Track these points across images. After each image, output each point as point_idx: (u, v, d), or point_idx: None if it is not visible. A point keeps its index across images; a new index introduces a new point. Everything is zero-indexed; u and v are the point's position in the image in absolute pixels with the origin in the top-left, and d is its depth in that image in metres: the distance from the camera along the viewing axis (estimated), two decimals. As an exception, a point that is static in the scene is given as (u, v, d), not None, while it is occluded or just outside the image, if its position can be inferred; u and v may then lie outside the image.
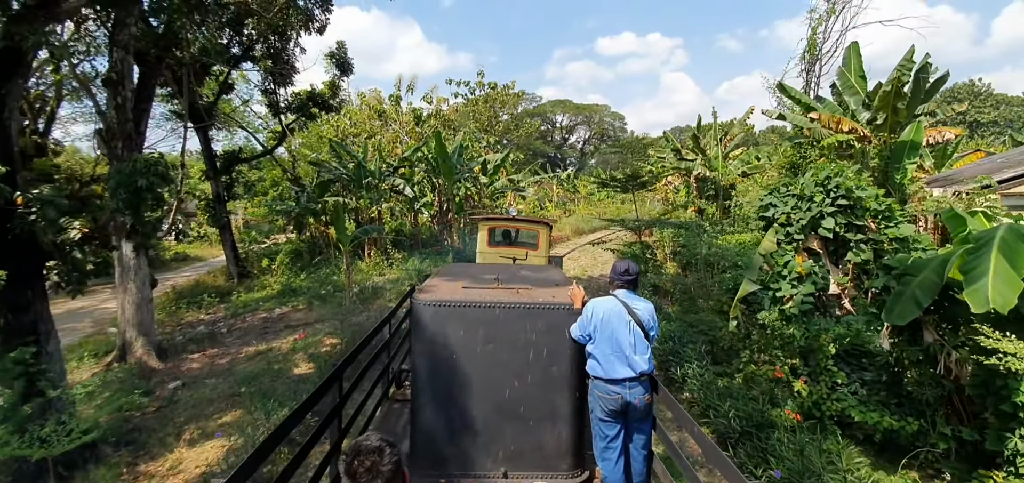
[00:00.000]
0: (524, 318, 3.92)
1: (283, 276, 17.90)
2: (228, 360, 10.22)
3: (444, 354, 3.90)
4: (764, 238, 6.73)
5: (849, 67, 13.94)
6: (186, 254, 30.80)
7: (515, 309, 3.93)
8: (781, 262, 6.52)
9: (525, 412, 3.88)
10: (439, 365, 3.91)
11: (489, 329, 3.90)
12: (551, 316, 3.95)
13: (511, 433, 3.88)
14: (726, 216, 21.06)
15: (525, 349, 3.90)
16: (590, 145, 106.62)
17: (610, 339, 3.76)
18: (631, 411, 3.77)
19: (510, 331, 3.91)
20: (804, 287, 6.50)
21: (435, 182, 22.23)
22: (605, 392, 3.76)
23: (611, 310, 3.82)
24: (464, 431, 3.88)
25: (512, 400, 3.88)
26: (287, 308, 14.48)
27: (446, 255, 18.94)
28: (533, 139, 71.89)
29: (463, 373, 3.89)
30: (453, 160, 20.67)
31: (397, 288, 15.48)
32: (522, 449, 3.87)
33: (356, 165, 19.84)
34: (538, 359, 3.90)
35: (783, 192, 7.30)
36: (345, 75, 19.78)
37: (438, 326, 3.90)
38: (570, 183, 49.88)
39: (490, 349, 3.89)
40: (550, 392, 3.91)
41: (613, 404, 3.75)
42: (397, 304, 6.58)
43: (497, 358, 3.89)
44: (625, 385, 3.71)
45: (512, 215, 11.80)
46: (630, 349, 3.75)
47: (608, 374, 3.74)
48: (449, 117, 35.07)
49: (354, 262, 19.72)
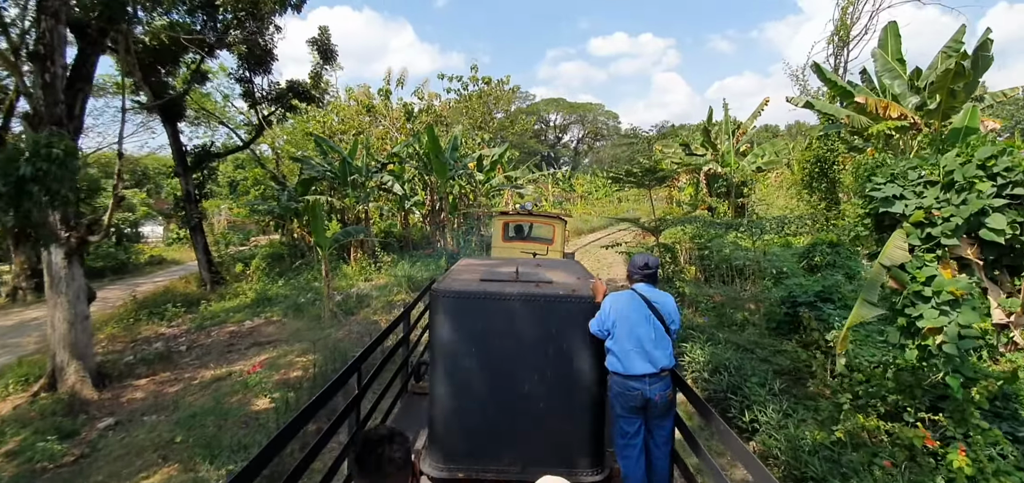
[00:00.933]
0: (545, 311, 3.80)
1: (259, 283, 16.22)
2: (179, 388, 8.59)
3: (463, 346, 3.80)
4: (890, 243, 5.06)
5: (886, 48, 12.52)
6: (162, 257, 28.97)
7: (536, 301, 3.80)
8: (921, 278, 4.71)
9: (544, 407, 3.78)
10: (458, 357, 3.82)
11: (509, 321, 3.79)
12: (572, 309, 3.82)
13: (530, 428, 3.79)
14: (739, 215, 19.64)
15: (545, 342, 3.78)
16: (584, 144, 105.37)
17: (629, 334, 3.67)
18: (651, 407, 3.70)
19: (531, 324, 3.79)
20: (963, 314, 4.32)
21: (427, 180, 20.64)
22: (624, 388, 3.68)
23: (631, 304, 3.74)
24: (482, 424, 3.81)
25: (532, 394, 3.78)
26: (259, 320, 12.83)
27: (439, 258, 17.35)
28: (527, 138, 70.46)
29: (482, 366, 3.80)
30: (446, 156, 19.11)
31: (385, 296, 13.88)
32: (540, 445, 3.80)
33: (341, 161, 18.19)
34: (558, 353, 3.79)
35: (913, 178, 5.64)
36: (328, 63, 18.16)
37: (458, 317, 3.82)
38: (566, 182, 48.45)
39: (510, 342, 3.79)
40: (570, 387, 3.82)
41: (633, 400, 3.67)
42: (415, 299, 6.54)
43: (517, 351, 3.79)
44: (645, 381, 3.63)
45: (528, 209, 11.78)
46: (650, 344, 3.67)
47: (627, 370, 3.65)
48: (441, 113, 33.49)
49: (338, 266, 18.09)
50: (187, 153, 17.14)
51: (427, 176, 20.27)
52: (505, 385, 3.79)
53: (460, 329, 3.81)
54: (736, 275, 10.63)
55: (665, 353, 3.69)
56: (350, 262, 18.19)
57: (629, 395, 3.66)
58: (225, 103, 27.69)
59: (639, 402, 3.65)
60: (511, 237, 11.10)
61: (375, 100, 30.11)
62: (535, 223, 11.32)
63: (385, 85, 30.19)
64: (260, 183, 23.49)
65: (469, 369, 3.80)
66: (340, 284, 15.74)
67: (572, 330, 3.80)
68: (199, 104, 22.78)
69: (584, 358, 3.82)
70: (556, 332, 3.79)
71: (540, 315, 3.78)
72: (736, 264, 10.53)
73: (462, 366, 3.81)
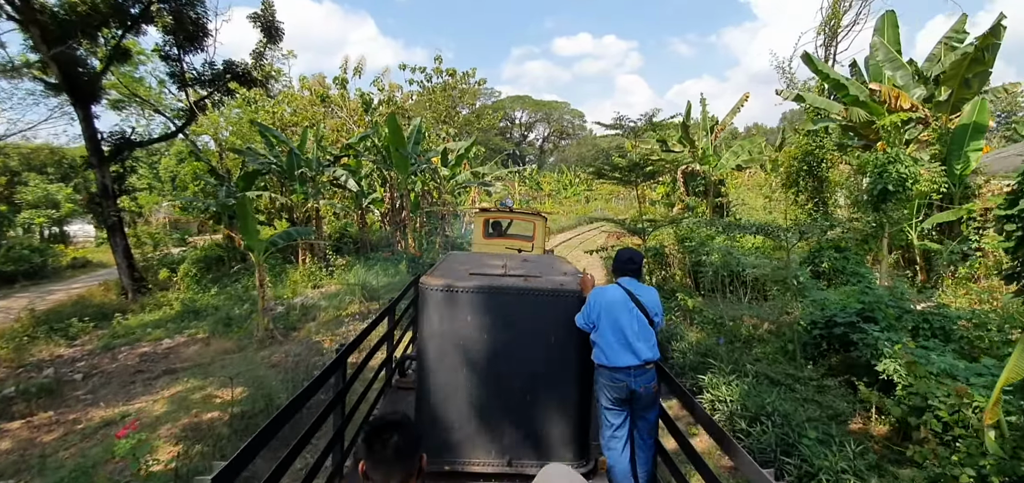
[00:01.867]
0: (533, 304, 3.78)
1: (188, 291, 14.12)
2: (58, 435, 6.69)
3: (451, 340, 3.77)
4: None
5: (884, 37, 11.70)
6: (87, 260, 25.92)
7: (525, 295, 3.79)
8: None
9: (531, 400, 3.78)
10: (446, 351, 3.78)
11: (497, 315, 3.75)
12: (560, 303, 3.81)
13: (517, 421, 3.79)
14: (717, 215, 18.75)
15: (533, 336, 3.78)
16: (549, 143, 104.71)
17: (614, 327, 3.67)
18: (636, 399, 3.73)
19: (518, 317, 3.76)
20: None
21: (386, 175, 18.87)
22: (610, 380, 3.71)
23: (615, 298, 3.73)
24: (469, 418, 3.76)
25: (518, 388, 3.78)
26: (182, 338, 10.88)
27: (397, 262, 15.67)
28: (493, 135, 69.00)
29: (469, 359, 3.76)
30: (408, 149, 17.43)
31: (335, 308, 12.14)
32: (527, 437, 3.79)
33: (288, 153, 16.23)
34: (546, 346, 3.79)
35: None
36: (273, 42, 16.17)
37: (445, 311, 3.77)
38: (532, 180, 47.23)
39: (497, 335, 3.75)
40: (557, 380, 3.82)
41: (619, 392, 3.71)
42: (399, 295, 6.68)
43: (504, 345, 3.76)
44: (630, 373, 3.66)
45: (509, 206, 11.95)
46: (634, 337, 3.67)
47: (612, 362, 3.67)
48: (403, 105, 31.63)
49: (284, 272, 16.14)
50: (103, 141, 14.80)
51: (386, 171, 18.50)
52: (492, 379, 3.77)
53: (448, 323, 3.75)
54: (737, 285, 9.48)
55: (649, 345, 3.72)
56: (298, 265, 16.28)
57: (615, 387, 3.70)
58: (161, 89, 25.01)
59: (624, 394, 3.70)
60: (491, 234, 11.15)
61: (331, 90, 28.02)
62: (516, 220, 11.38)
63: (342, 74, 28.13)
64: (199, 177, 21.10)
65: (457, 363, 3.76)
66: (283, 293, 13.86)
67: (559, 324, 3.79)
68: (131, 89, 20.20)
69: (570, 352, 3.83)
70: (543, 326, 3.77)
71: (528, 309, 3.76)
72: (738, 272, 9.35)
73: (450, 360, 3.76)
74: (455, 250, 18.11)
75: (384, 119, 17.11)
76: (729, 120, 18.65)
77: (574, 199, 41.27)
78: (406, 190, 17.76)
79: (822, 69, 11.55)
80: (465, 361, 3.76)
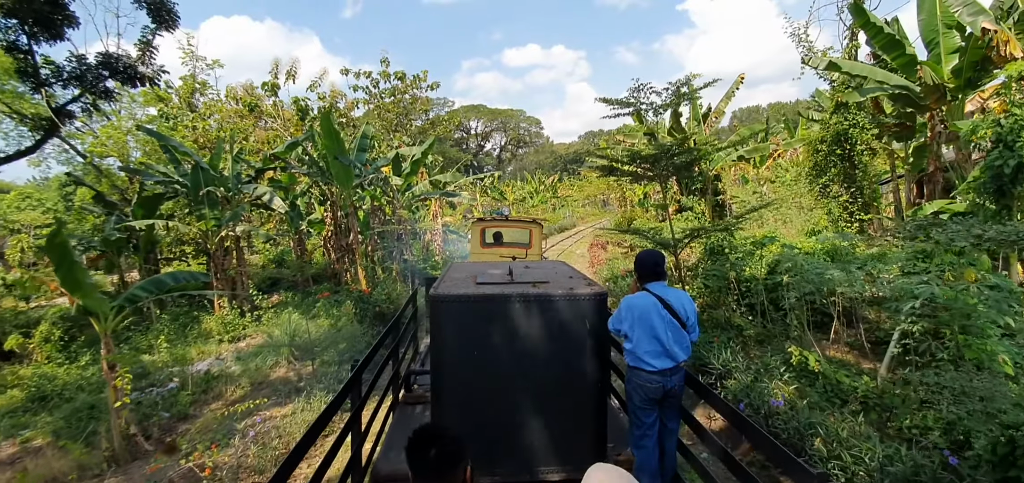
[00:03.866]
0: (546, 310, 3.73)
1: (47, 364, 10.25)
2: None
3: (466, 350, 3.71)
4: None
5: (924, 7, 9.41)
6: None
7: (536, 302, 3.73)
8: None
9: (548, 406, 3.75)
10: (460, 362, 3.72)
11: (510, 323, 3.71)
12: (572, 308, 3.75)
13: (535, 428, 3.75)
14: (718, 215, 16.30)
15: (547, 342, 3.73)
16: (507, 152, 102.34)
17: (649, 334, 3.67)
18: (668, 397, 3.76)
19: (532, 324, 3.72)
20: None
21: (326, 191, 15.43)
22: (646, 381, 3.70)
23: (646, 306, 3.70)
24: (487, 429, 3.72)
25: (535, 394, 3.74)
26: (12, 446, 7.24)
27: (341, 302, 12.32)
28: (449, 146, 65.74)
29: (486, 369, 3.71)
30: (352, 157, 14.12)
31: (252, 373, 8.74)
32: (545, 444, 3.75)
33: (194, 168, 12.62)
34: (560, 352, 3.75)
35: None
36: (165, 29, 12.58)
37: (458, 322, 3.70)
38: (496, 189, 44.32)
39: (512, 343, 3.71)
40: (572, 386, 3.77)
41: (653, 393, 3.71)
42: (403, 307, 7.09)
43: (519, 352, 3.72)
44: (666, 375, 3.67)
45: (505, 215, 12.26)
46: (669, 342, 3.67)
47: (650, 366, 3.66)
48: (348, 112, 28.03)
49: (196, 320, 12.47)
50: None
51: (325, 186, 15.09)
52: (509, 387, 3.72)
53: (461, 333, 3.70)
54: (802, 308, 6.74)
55: (683, 347, 3.72)
56: (215, 310, 12.64)
57: (650, 388, 3.69)
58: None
59: (659, 394, 3.70)
60: (489, 243, 11.02)
61: (264, 100, 24.20)
62: (512, 228, 11.29)
63: (272, 78, 24.37)
64: (86, 208, 16.96)
65: (473, 373, 3.70)
66: (184, 354, 10.27)
67: (572, 329, 3.74)
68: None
69: (585, 356, 3.78)
70: (557, 332, 3.73)
71: (540, 315, 3.72)
72: (821, 291, 6.55)
73: (466, 370, 3.71)
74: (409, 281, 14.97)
75: (318, 118, 13.73)
76: (724, 106, 16.26)
77: (542, 206, 38.58)
78: (351, 207, 14.40)
79: (875, 21, 9.13)
80: (480, 371, 3.69)
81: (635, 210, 21.04)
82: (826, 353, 6.48)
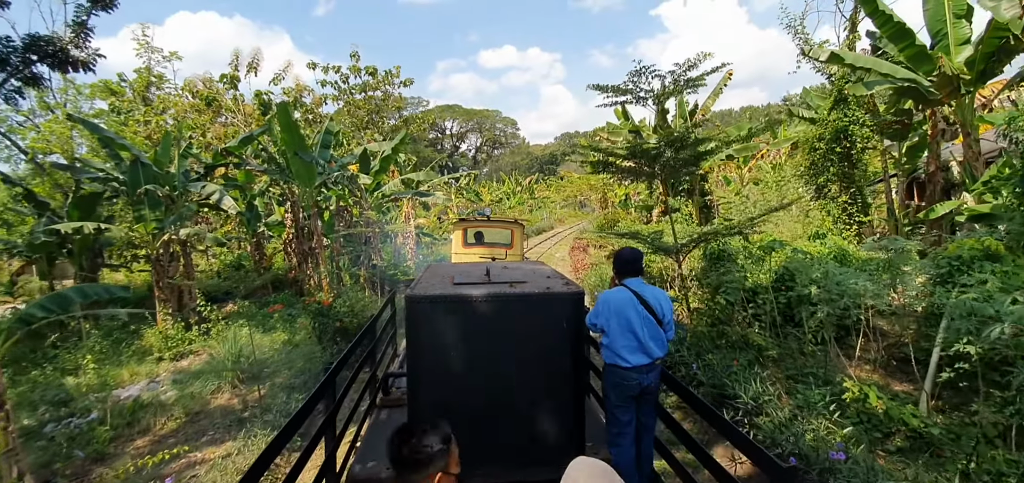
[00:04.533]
0: (523, 310, 3.70)
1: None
2: None
3: (442, 351, 3.67)
4: None
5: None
6: None
7: (514, 301, 3.70)
8: None
9: (525, 406, 3.72)
10: (436, 363, 3.67)
11: (487, 323, 3.67)
12: (550, 307, 3.73)
13: (513, 428, 3.71)
14: (705, 216, 15.63)
15: (524, 342, 3.71)
16: (483, 152, 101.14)
17: (625, 330, 3.65)
18: (644, 395, 3.75)
19: (508, 324, 3.68)
20: None
21: (286, 190, 14.17)
22: (622, 378, 3.68)
23: (624, 301, 3.68)
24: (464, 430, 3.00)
25: (513, 394, 3.70)
26: None
27: (295, 316, 11.14)
28: (424, 146, 64.30)
29: (462, 369, 3.67)
30: (315, 154, 12.92)
31: (188, 399, 7.55)
32: (523, 443, 3.72)
33: (133, 162, 11.24)
34: (538, 351, 3.73)
35: None
36: (102, 8, 11.15)
37: (434, 322, 3.66)
38: (471, 190, 43.19)
39: (489, 343, 3.67)
40: (549, 385, 3.75)
41: (630, 390, 3.70)
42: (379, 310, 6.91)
43: (496, 352, 3.69)
44: (642, 371, 3.66)
45: (486, 215, 11.94)
46: (646, 337, 3.65)
47: (627, 362, 3.64)
48: (315, 108, 26.54)
49: (135, 333, 11.11)
50: None
51: (285, 184, 13.82)
52: (487, 387, 3.68)
53: (437, 334, 3.65)
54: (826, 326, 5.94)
55: (659, 344, 3.70)
56: (157, 323, 11.26)
57: (627, 385, 3.68)
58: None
59: (635, 390, 3.69)
60: (471, 243, 11.08)
61: (223, 94, 22.58)
62: (494, 229, 11.30)
63: (232, 69, 22.81)
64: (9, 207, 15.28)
65: (450, 374, 3.66)
66: (118, 376, 8.96)
67: (549, 328, 3.71)
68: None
69: (562, 355, 3.75)
70: (535, 331, 3.70)
71: (517, 315, 3.68)
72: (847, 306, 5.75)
73: (442, 371, 3.66)
74: (379, 288, 13.81)
75: (276, 110, 12.48)
76: (711, 103, 15.59)
77: (519, 207, 37.66)
78: (314, 208, 13.18)
79: (883, 8, 8.47)
80: (456, 372, 3.65)
81: (618, 212, 20.31)
82: (850, 372, 5.68)
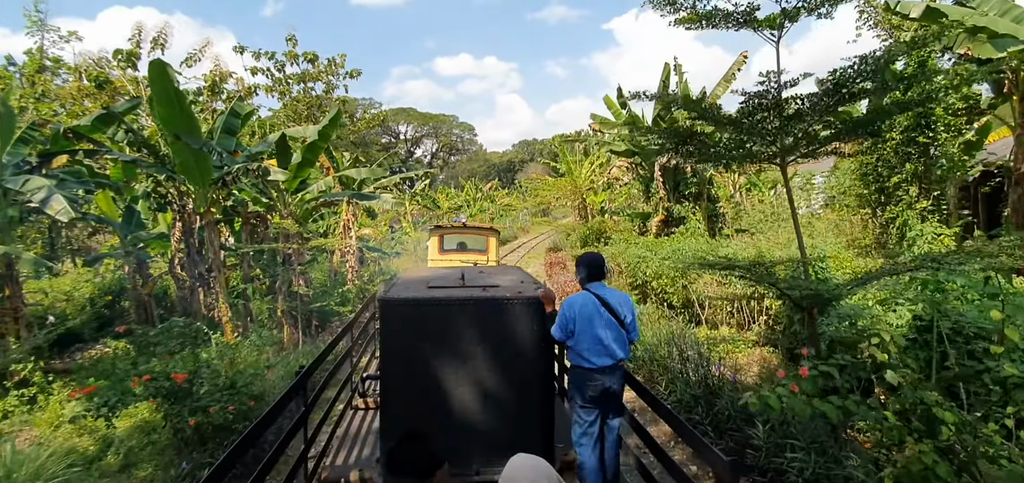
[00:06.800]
0: (494, 313, 3.78)
1: None
2: None
3: (414, 354, 3.75)
4: None
5: None
6: None
7: (485, 305, 3.78)
8: None
9: (497, 408, 3.77)
10: (409, 365, 3.76)
11: (459, 326, 3.75)
12: (520, 310, 3.78)
13: (483, 428, 3.78)
14: (711, 227, 12.92)
15: (495, 345, 3.77)
16: (439, 159, 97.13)
17: (590, 333, 3.77)
18: (609, 396, 3.84)
19: (479, 326, 3.76)
20: None
21: (171, 190, 10.38)
22: (587, 379, 3.79)
23: (587, 305, 3.81)
24: (437, 430, 3.52)
25: (484, 396, 3.77)
26: None
27: (177, 349, 7.49)
28: (376, 151, 60.02)
29: (434, 372, 3.74)
30: (214, 142, 9.30)
31: None
32: (494, 445, 3.72)
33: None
34: (508, 354, 3.78)
35: None
36: None
37: (407, 326, 3.77)
38: (427, 197, 39.56)
39: (461, 346, 3.75)
40: (520, 386, 3.81)
41: (594, 391, 3.79)
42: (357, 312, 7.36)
43: (468, 355, 3.75)
44: (606, 372, 3.76)
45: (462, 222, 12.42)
46: (609, 340, 3.77)
47: (591, 364, 3.76)
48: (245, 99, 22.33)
49: None
50: None
51: (171, 183, 10.08)
52: (459, 389, 3.73)
53: (410, 337, 3.72)
54: None
55: (621, 346, 3.82)
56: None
57: (591, 386, 3.77)
58: None
59: (598, 392, 3.78)
60: (447, 250, 11.11)
61: (114, 73, 18.28)
62: (470, 236, 11.43)
63: (133, 46, 18.51)
64: None
65: (423, 376, 3.71)
66: None
67: (520, 331, 3.76)
68: None
69: (532, 357, 3.80)
70: (506, 334, 3.75)
71: (491, 319, 3.74)
72: None
73: (414, 374, 3.73)
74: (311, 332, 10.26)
75: (150, 74, 8.75)
76: (722, 91, 12.94)
77: (480, 215, 34.42)
78: (210, 215, 9.50)
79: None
80: (430, 375, 3.69)
81: (606, 221, 17.49)
82: None
